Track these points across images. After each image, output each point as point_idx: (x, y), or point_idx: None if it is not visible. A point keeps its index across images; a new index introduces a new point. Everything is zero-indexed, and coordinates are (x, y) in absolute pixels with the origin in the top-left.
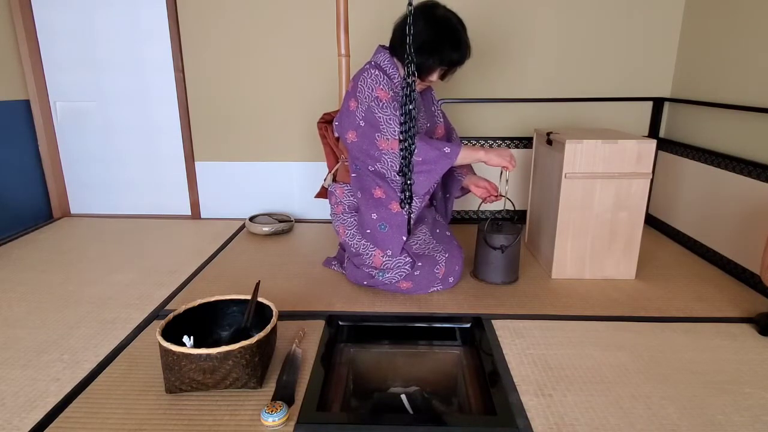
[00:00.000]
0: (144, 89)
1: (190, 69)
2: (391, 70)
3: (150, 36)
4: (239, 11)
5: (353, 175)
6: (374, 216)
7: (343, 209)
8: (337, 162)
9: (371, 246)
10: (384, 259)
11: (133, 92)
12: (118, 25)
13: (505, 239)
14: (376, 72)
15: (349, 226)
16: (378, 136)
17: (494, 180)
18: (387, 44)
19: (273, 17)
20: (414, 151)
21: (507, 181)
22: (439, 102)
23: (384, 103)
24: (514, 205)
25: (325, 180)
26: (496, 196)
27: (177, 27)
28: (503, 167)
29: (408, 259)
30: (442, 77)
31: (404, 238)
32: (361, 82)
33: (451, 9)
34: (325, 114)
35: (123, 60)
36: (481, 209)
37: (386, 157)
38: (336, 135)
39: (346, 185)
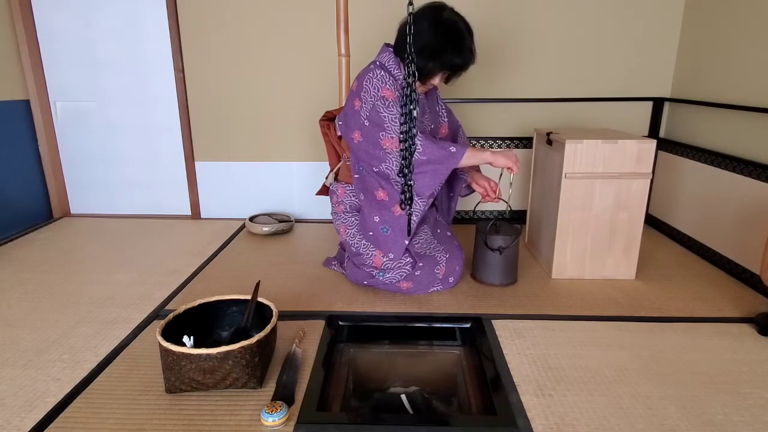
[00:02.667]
0: (144, 89)
1: (190, 69)
2: (395, 71)
3: (150, 36)
4: (239, 11)
5: (356, 176)
6: (377, 219)
7: (344, 209)
8: (339, 160)
9: (372, 246)
10: (384, 259)
11: (133, 92)
12: (118, 25)
13: (503, 240)
14: (382, 72)
15: (350, 226)
16: (382, 135)
17: (497, 180)
18: (391, 43)
19: (273, 17)
20: (414, 152)
21: (511, 184)
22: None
23: (390, 102)
24: (510, 208)
25: (326, 178)
26: (495, 198)
27: (177, 27)
28: (507, 168)
29: (409, 259)
30: (446, 81)
31: (406, 242)
32: (366, 81)
33: (459, 12)
34: (327, 112)
35: (123, 60)
36: (478, 209)
37: (391, 156)
38: (338, 134)
39: (347, 185)
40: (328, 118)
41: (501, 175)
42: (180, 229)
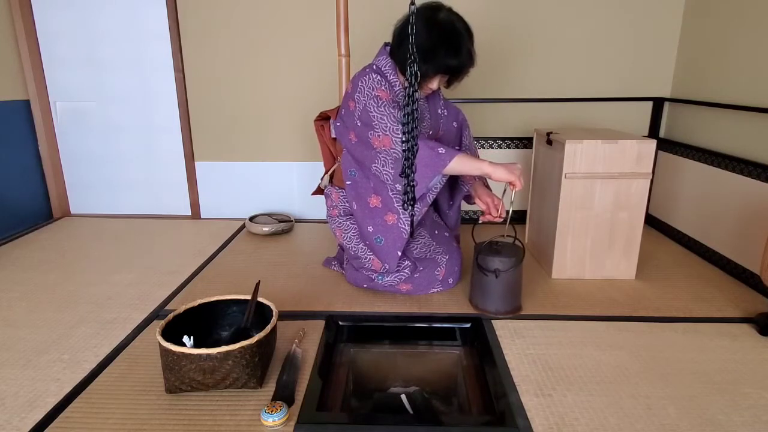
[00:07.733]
0: (144, 89)
1: (190, 69)
2: (391, 76)
3: (150, 36)
4: (239, 11)
5: (348, 182)
6: (370, 229)
7: (339, 213)
8: (334, 162)
9: (369, 250)
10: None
11: (133, 92)
12: (118, 25)
13: (501, 263)
14: (378, 77)
15: (345, 230)
16: (371, 134)
17: (500, 195)
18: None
19: (273, 17)
20: (416, 152)
21: (512, 201)
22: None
23: (383, 102)
24: (515, 231)
25: (321, 180)
26: (497, 217)
27: (177, 27)
28: (510, 183)
29: (408, 263)
30: (447, 85)
31: (399, 253)
32: (362, 83)
33: (457, 12)
34: (322, 112)
35: (123, 60)
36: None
37: (381, 156)
38: (333, 136)
39: (341, 190)
40: (323, 118)
41: (505, 190)
42: (180, 229)
